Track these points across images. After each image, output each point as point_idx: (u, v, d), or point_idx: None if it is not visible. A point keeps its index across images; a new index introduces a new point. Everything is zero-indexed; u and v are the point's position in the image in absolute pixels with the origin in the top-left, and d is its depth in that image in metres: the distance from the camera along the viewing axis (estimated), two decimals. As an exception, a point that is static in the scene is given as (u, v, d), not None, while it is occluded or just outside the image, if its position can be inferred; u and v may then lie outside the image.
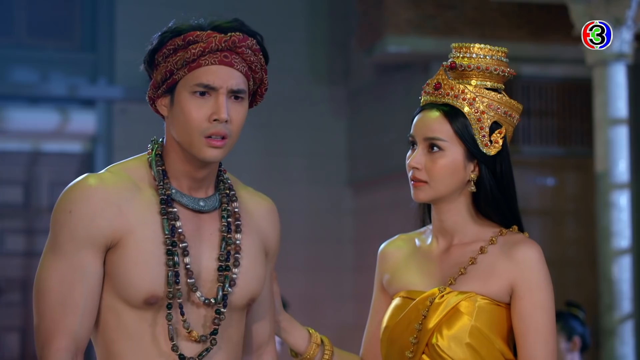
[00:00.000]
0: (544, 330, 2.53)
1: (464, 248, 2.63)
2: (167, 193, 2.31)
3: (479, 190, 2.62)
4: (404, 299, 2.64)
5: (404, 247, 2.74)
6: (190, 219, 2.33)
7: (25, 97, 8.56)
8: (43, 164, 8.51)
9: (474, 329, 2.53)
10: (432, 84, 2.65)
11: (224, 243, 2.34)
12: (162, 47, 2.31)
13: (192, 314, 2.30)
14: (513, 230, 2.65)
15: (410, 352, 2.57)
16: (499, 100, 2.64)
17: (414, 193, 2.63)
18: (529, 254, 2.56)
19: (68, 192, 2.29)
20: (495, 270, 2.57)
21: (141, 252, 2.26)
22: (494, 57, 2.65)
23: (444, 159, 2.60)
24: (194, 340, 2.29)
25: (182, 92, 2.30)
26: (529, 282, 2.54)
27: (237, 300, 2.35)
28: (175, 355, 2.26)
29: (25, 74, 8.68)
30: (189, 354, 2.28)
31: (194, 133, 2.29)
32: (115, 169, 2.34)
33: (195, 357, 2.28)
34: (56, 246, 2.26)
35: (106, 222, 2.25)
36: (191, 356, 2.28)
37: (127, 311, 2.27)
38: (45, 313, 2.24)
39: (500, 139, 2.62)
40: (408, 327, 2.58)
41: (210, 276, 2.33)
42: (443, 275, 2.62)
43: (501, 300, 2.57)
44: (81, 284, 2.24)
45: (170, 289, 2.26)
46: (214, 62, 2.30)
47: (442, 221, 2.66)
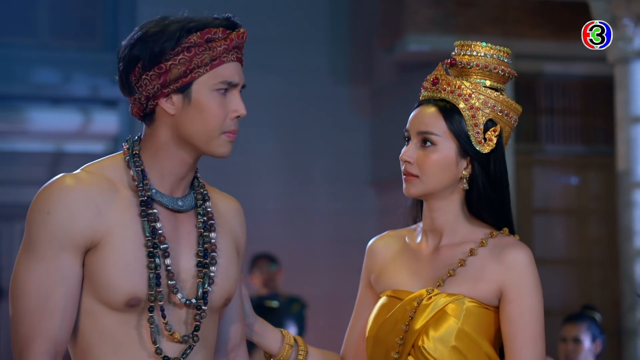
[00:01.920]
0: (533, 335, 2.51)
1: (453, 249, 2.61)
2: (147, 194, 2.28)
3: (471, 188, 2.60)
4: (391, 298, 2.61)
5: (393, 244, 2.71)
6: (168, 218, 2.31)
7: (47, 97, 8.60)
8: (66, 165, 8.54)
9: (461, 331, 2.51)
10: (430, 80, 2.64)
11: (201, 241, 2.33)
12: (176, 45, 2.26)
13: (172, 315, 2.28)
14: (504, 232, 2.62)
15: (396, 352, 2.55)
16: (496, 98, 2.61)
17: (405, 187, 2.61)
18: (519, 257, 2.54)
19: (45, 192, 2.23)
20: (485, 273, 2.55)
21: (122, 254, 2.23)
22: (494, 56, 2.63)
23: (436, 154, 2.58)
24: (176, 341, 2.27)
25: (202, 89, 2.27)
26: (519, 286, 2.52)
27: (216, 300, 2.34)
28: (159, 358, 2.25)
29: (47, 74, 8.73)
30: (172, 355, 2.27)
31: (215, 130, 2.28)
32: (91, 168, 2.30)
33: (179, 357, 2.27)
34: (33, 248, 2.21)
35: (86, 222, 2.21)
36: (175, 356, 2.27)
37: (107, 315, 2.24)
38: (23, 317, 2.20)
39: (494, 137, 2.60)
40: (395, 327, 2.56)
41: (188, 276, 2.31)
42: (431, 276, 2.59)
43: (489, 304, 2.55)
44: (60, 286, 2.21)
45: (152, 291, 2.24)
46: (232, 59, 2.30)
47: (433, 219, 2.63)
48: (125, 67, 2.30)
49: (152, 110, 2.31)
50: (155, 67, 2.27)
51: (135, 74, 2.28)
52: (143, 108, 2.31)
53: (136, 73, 2.28)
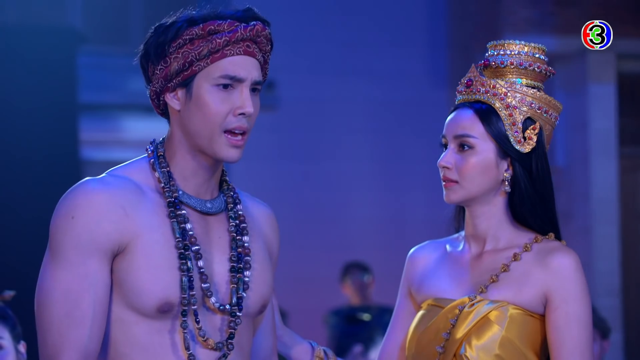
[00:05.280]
0: (580, 344, 2.43)
1: (496, 255, 2.54)
2: (174, 195, 2.21)
3: (514, 191, 2.53)
4: (433, 306, 2.56)
5: (434, 253, 2.68)
6: (198, 221, 2.24)
7: (142, 106, 8.67)
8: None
9: (505, 339, 2.44)
10: (464, 82, 2.60)
11: (234, 244, 2.25)
12: (177, 37, 2.20)
13: (206, 321, 2.21)
14: (549, 237, 2.55)
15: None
16: (533, 95, 2.55)
17: (446, 194, 2.57)
18: (565, 262, 2.47)
19: (69, 196, 2.17)
20: (529, 278, 2.48)
21: (152, 257, 2.16)
22: (529, 53, 2.57)
23: (474, 157, 2.52)
24: (210, 348, 2.19)
25: (202, 84, 2.19)
26: (565, 292, 2.45)
27: (251, 306, 2.27)
28: None
29: (142, 83, 8.78)
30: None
31: (215, 128, 2.19)
32: (116, 172, 2.25)
33: None
34: (59, 255, 2.15)
35: (112, 226, 2.15)
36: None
37: (138, 322, 2.17)
38: (50, 327, 2.13)
39: (534, 135, 2.53)
40: (436, 336, 2.50)
41: (222, 281, 2.24)
42: (474, 283, 2.53)
43: (535, 311, 2.47)
44: (89, 294, 2.13)
45: (185, 295, 2.16)
46: (238, 53, 2.20)
47: (475, 225, 2.58)
48: (141, 64, 2.27)
49: (164, 106, 2.26)
50: (161, 60, 2.22)
51: (150, 69, 2.25)
52: (157, 104, 2.27)
53: (150, 68, 2.25)
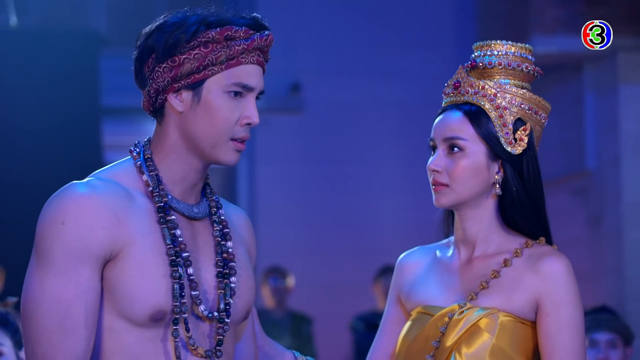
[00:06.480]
0: (572, 350, 2.39)
1: (486, 260, 2.50)
2: (164, 200, 2.17)
3: (504, 193, 2.49)
4: (422, 314, 2.51)
5: (424, 259, 2.62)
6: (185, 227, 2.20)
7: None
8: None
9: (495, 347, 2.40)
10: (452, 84, 2.56)
11: (219, 250, 2.22)
12: (193, 39, 2.16)
13: (195, 328, 2.17)
14: (540, 242, 2.50)
15: None
16: (522, 95, 2.52)
17: (435, 198, 2.51)
18: (556, 267, 2.42)
19: (56, 201, 2.10)
20: (520, 284, 2.43)
21: (145, 265, 2.12)
22: (516, 53, 2.55)
23: (465, 159, 2.48)
24: (200, 356, 2.16)
25: (213, 89, 2.16)
26: (556, 298, 2.40)
27: (238, 312, 2.24)
28: None
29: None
30: None
31: (223, 135, 2.17)
32: (101, 175, 2.20)
33: None
34: (48, 262, 2.07)
35: (105, 232, 2.09)
36: None
37: (129, 331, 2.12)
38: (40, 337, 2.06)
39: (525, 136, 2.50)
40: (425, 344, 2.46)
41: (210, 287, 2.21)
42: (464, 290, 2.49)
43: (526, 318, 2.43)
44: (80, 302, 2.07)
45: (177, 302, 2.12)
46: (252, 62, 2.18)
47: (464, 229, 2.53)
48: (139, 57, 2.20)
49: (161, 105, 2.20)
50: (168, 59, 2.16)
51: (149, 64, 2.18)
52: (152, 102, 2.20)
53: (150, 64, 2.18)
